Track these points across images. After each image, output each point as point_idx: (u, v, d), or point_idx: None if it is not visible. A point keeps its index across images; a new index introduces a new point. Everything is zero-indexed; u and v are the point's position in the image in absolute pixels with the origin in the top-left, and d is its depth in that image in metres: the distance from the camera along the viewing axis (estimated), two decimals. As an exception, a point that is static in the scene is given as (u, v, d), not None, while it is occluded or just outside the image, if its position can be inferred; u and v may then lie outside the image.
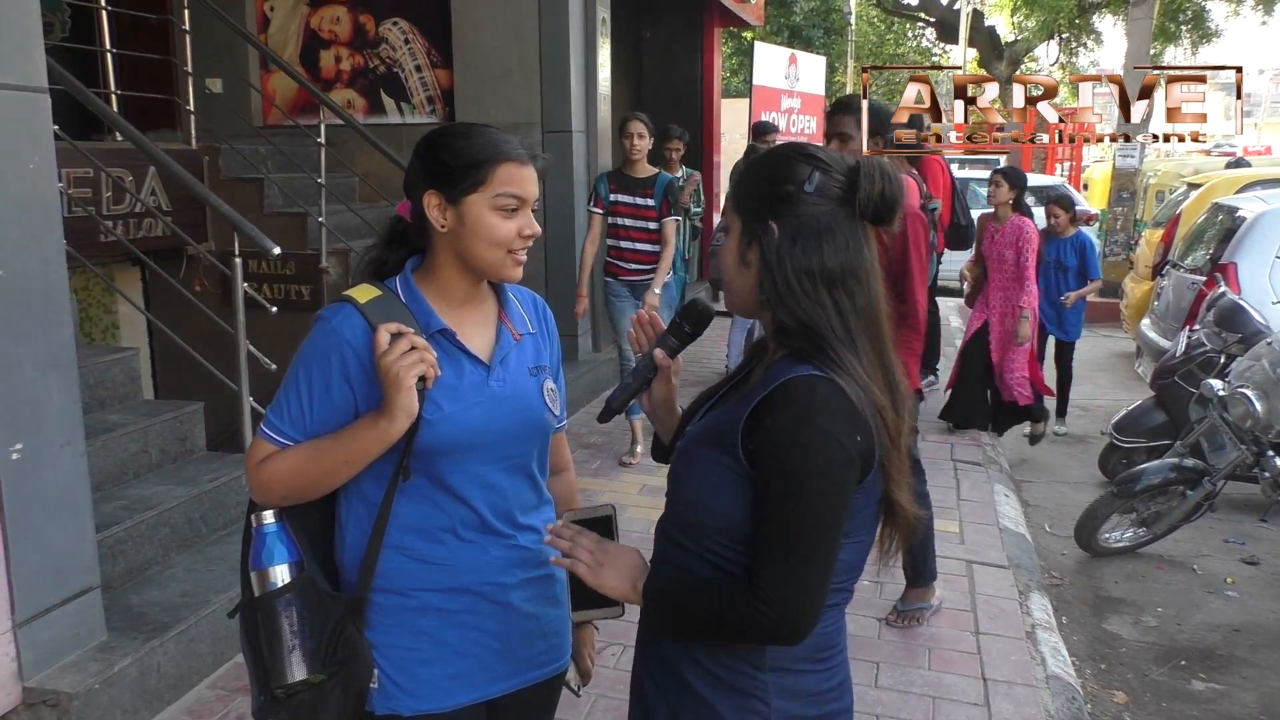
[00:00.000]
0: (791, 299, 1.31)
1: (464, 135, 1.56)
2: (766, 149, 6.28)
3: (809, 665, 1.38)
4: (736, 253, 1.37)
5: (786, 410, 1.26)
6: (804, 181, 1.33)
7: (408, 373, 1.43)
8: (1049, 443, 6.49)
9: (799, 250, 1.31)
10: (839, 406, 1.27)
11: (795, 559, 1.26)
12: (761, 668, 1.35)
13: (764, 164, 1.39)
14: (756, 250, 1.34)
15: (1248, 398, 4.18)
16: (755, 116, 10.03)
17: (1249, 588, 4.47)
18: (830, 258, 1.31)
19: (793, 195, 1.33)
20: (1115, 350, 9.48)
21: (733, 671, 1.36)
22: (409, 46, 6.77)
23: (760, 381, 1.34)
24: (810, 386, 1.27)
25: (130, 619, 3.06)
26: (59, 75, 3.89)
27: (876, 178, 1.33)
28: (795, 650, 1.35)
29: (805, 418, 1.25)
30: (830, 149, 1.78)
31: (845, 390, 1.27)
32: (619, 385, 1.61)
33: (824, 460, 1.25)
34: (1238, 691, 3.63)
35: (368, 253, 1.65)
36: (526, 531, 1.63)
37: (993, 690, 3.23)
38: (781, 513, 1.27)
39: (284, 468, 1.51)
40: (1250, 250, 6.31)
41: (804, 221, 1.32)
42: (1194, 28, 22.92)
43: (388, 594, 1.55)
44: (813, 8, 22.35)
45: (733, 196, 1.43)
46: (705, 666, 1.37)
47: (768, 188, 1.35)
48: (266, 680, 1.49)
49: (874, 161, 1.35)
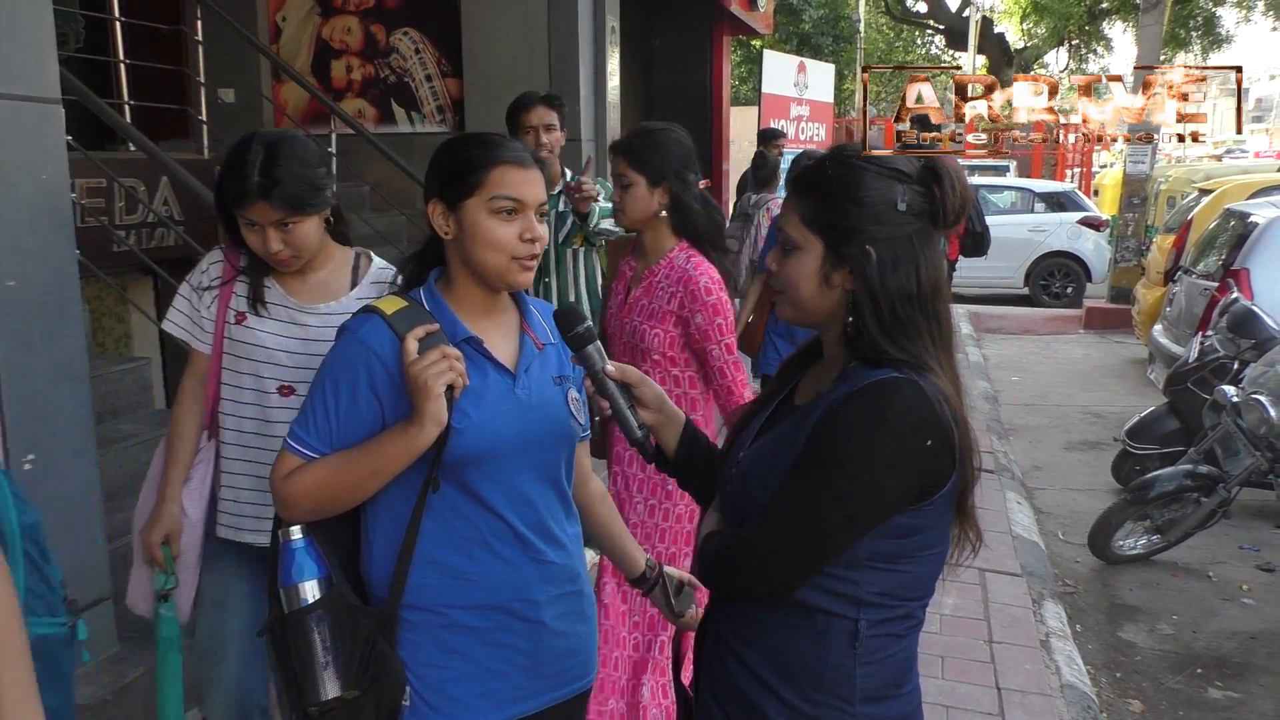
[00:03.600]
0: (898, 327, 1.28)
1: (465, 142, 1.57)
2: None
3: (894, 691, 1.35)
4: (819, 275, 1.32)
5: (866, 403, 1.25)
6: (896, 201, 1.29)
7: (436, 380, 1.42)
8: (1062, 449, 6.46)
9: (901, 276, 1.28)
10: (918, 409, 1.25)
11: (790, 520, 1.26)
12: (853, 700, 1.32)
13: (846, 182, 1.32)
14: (847, 275, 1.30)
15: (1262, 404, 4.15)
16: (764, 124, 10.04)
17: (1265, 595, 4.43)
18: (925, 278, 1.30)
19: (884, 216, 1.29)
20: (1128, 356, 9.44)
21: (822, 706, 1.32)
22: (419, 56, 6.80)
23: (834, 389, 1.30)
24: (894, 386, 1.25)
25: (142, 630, 3.06)
26: (72, 86, 3.91)
27: (954, 185, 1.31)
28: (883, 677, 1.33)
29: (880, 414, 1.24)
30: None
31: (928, 394, 1.25)
32: (621, 423, 1.51)
33: (877, 459, 1.24)
34: (1255, 699, 3.59)
35: (403, 266, 1.67)
36: (557, 546, 1.62)
37: (1007, 700, 3.21)
38: (805, 480, 1.26)
39: (311, 481, 1.49)
40: (1263, 255, 6.27)
41: (898, 243, 1.29)
42: (1204, 33, 22.88)
43: (419, 611, 1.53)
44: (822, 15, 22.37)
45: (807, 214, 1.34)
46: (791, 704, 1.33)
47: (855, 209, 1.30)
48: (299, 698, 1.48)
49: (944, 165, 1.32)
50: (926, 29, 28.61)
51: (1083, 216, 12.98)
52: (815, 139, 11.07)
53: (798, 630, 1.32)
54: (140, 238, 4.99)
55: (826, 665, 1.31)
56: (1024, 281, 12.86)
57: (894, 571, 1.31)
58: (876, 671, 1.32)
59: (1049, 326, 11.18)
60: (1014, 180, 15.87)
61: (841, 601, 1.30)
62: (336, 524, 1.55)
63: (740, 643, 1.38)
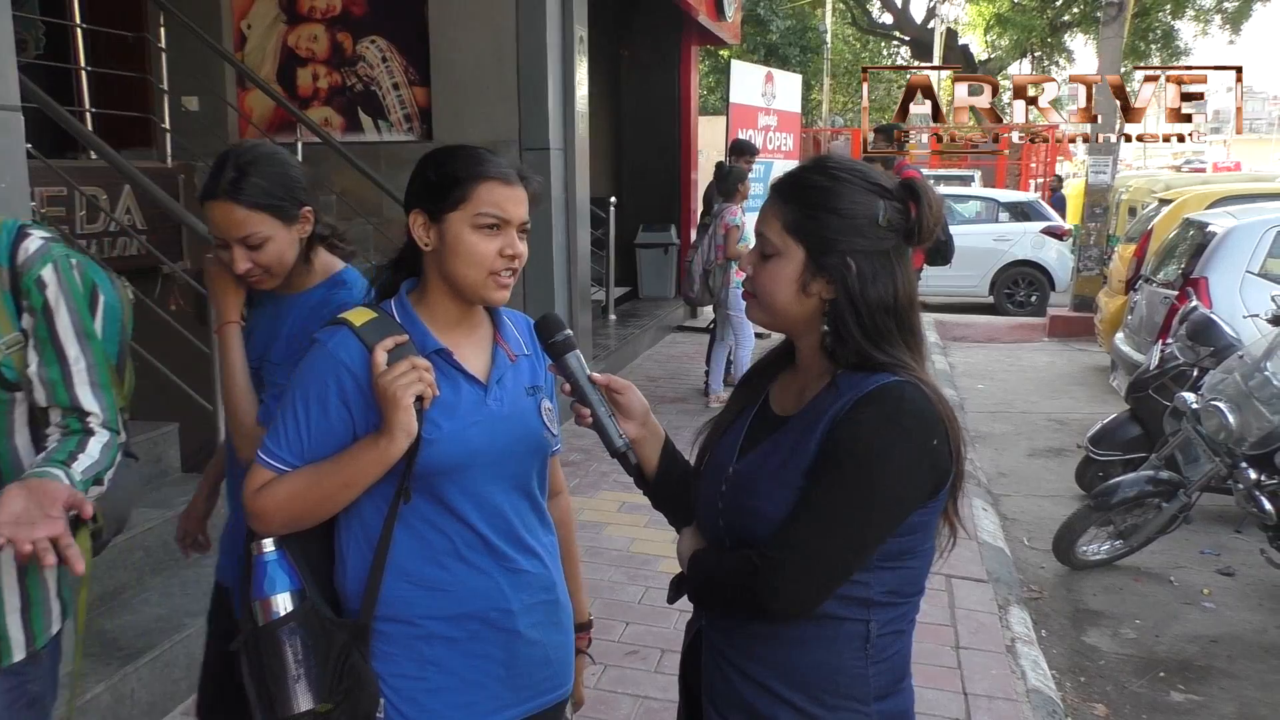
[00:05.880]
0: (878, 336, 1.31)
1: (451, 154, 1.57)
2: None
3: (897, 687, 1.37)
4: (797, 282, 1.34)
5: (877, 408, 1.27)
6: (877, 216, 1.31)
7: (405, 391, 1.42)
8: (1027, 456, 6.53)
9: (880, 288, 1.31)
10: (924, 410, 1.28)
11: (823, 532, 1.26)
12: (868, 700, 1.33)
13: (830, 193, 1.33)
14: (825, 284, 1.32)
15: (1221, 410, 4.22)
16: (732, 134, 10.08)
17: (1225, 599, 4.50)
18: (902, 291, 1.32)
19: (865, 230, 1.31)
20: (1090, 364, 9.57)
21: (838, 710, 1.33)
22: (387, 64, 6.77)
23: (832, 398, 1.32)
24: (899, 390, 1.28)
25: (103, 645, 3.02)
26: (32, 93, 3.85)
27: (930, 203, 1.33)
28: (891, 674, 1.35)
29: (894, 417, 1.26)
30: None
31: (927, 394, 1.29)
32: (601, 433, 1.51)
33: (898, 461, 1.26)
34: (1216, 702, 3.65)
35: (377, 276, 1.66)
36: (530, 555, 1.61)
37: (974, 705, 3.23)
38: (833, 491, 1.27)
39: (283, 494, 1.49)
40: (1221, 265, 6.38)
41: (877, 257, 1.31)
42: (1163, 46, 23.32)
43: (392, 622, 1.53)
44: (789, 26, 22.56)
45: (789, 221, 1.35)
46: (806, 712, 1.33)
47: (838, 220, 1.32)
48: (272, 711, 1.47)
49: (921, 184, 1.35)
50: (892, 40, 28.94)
51: (1046, 226, 13.18)
52: (783, 149, 11.14)
53: (810, 639, 1.33)
54: (102, 247, 4.93)
55: (840, 670, 1.33)
56: (989, 290, 13.03)
57: (900, 569, 1.33)
58: (885, 669, 1.35)
59: (1014, 335, 11.32)
60: (979, 190, 16.09)
61: (853, 605, 1.32)
62: (312, 537, 1.54)
63: (744, 658, 1.38)
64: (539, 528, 1.65)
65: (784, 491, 1.31)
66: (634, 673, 3.36)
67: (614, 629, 3.64)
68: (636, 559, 4.34)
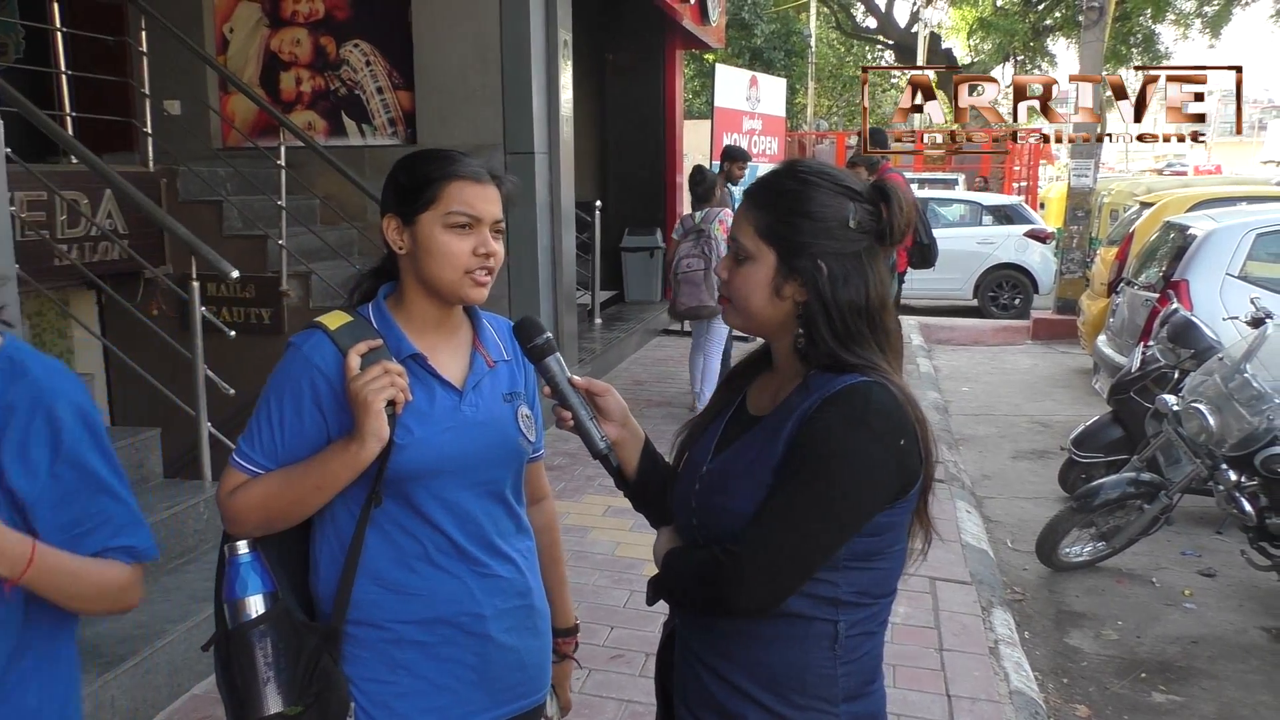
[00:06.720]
0: (849, 338, 1.32)
1: (422, 157, 1.58)
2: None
3: (867, 689, 1.38)
4: (770, 285, 1.35)
5: (843, 407, 1.28)
6: (848, 218, 1.33)
7: (376, 396, 1.42)
8: (1010, 458, 6.56)
9: (851, 291, 1.32)
10: (893, 410, 1.29)
11: (785, 529, 1.27)
12: (835, 700, 1.34)
13: (800, 197, 1.34)
14: (798, 287, 1.33)
15: (1201, 412, 4.25)
16: (717, 137, 10.11)
17: (1206, 599, 4.54)
18: (873, 293, 1.33)
19: (835, 232, 1.32)
20: (1073, 366, 9.63)
21: (806, 710, 1.34)
22: (370, 68, 6.75)
23: (802, 397, 1.33)
24: (867, 390, 1.29)
25: (83, 652, 2.98)
26: (12, 97, 3.84)
27: (901, 205, 1.35)
28: (860, 675, 1.35)
29: (859, 417, 1.27)
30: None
31: (896, 396, 1.30)
32: (583, 436, 1.51)
33: (862, 460, 1.27)
34: (1197, 703, 3.67)
35: (360, 282, 1.66)
36: (504, 561, 1.61)
37: (956, 707, 3.24)
38: (797, 488, 1.27)
39: (256, 496, 1.49)
40: (1201, 267, 6.43)
41: (848, 259, 1.33)
42: (1144, 50, 23.49)
43: (364, 626, 1.53)
44: (773, 30, 22.64)
45: (761, 225, 1.36)
46: (774, 710, 1.34)
47: (808, 224, 1.33)
48: (242, 713, 1.47)
49: (892, 185, 1.37)
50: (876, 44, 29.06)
51: (1029, 229, 13.25)
52: (768, 152, 11.18)
53: (779, 638, 1.34)
54: (83, 251, 4.91)
55: (808, 669, 1.33)
56: (973, 293, 13.08)
57: (869, 569, 1.33)
58: (854, 670, 1.35)
59: (997, 337, 11.38)
60: (963, 194, 16.17)
61: (822, 605, 1.32)
62: (288, 540, 1.55)
63: (715, 656, 1.39)
64: (514, 533, 1.65)
65: (753, 490, 1.32)
66: (619, 677, 3.36)
67: (599, 633, 3.64)
68: (621, 563, 4.34)
